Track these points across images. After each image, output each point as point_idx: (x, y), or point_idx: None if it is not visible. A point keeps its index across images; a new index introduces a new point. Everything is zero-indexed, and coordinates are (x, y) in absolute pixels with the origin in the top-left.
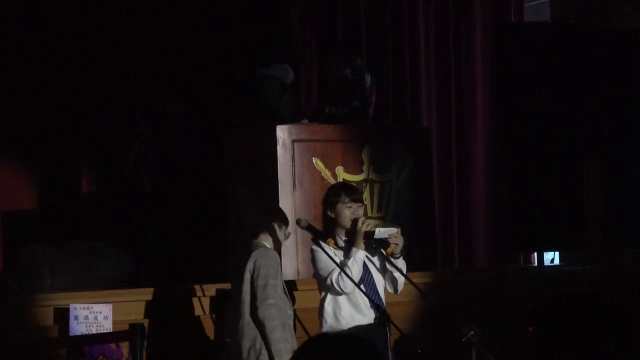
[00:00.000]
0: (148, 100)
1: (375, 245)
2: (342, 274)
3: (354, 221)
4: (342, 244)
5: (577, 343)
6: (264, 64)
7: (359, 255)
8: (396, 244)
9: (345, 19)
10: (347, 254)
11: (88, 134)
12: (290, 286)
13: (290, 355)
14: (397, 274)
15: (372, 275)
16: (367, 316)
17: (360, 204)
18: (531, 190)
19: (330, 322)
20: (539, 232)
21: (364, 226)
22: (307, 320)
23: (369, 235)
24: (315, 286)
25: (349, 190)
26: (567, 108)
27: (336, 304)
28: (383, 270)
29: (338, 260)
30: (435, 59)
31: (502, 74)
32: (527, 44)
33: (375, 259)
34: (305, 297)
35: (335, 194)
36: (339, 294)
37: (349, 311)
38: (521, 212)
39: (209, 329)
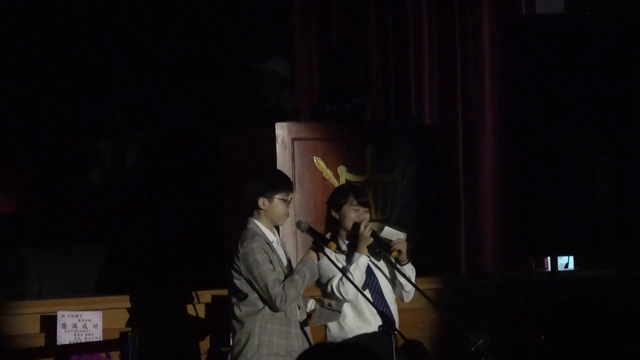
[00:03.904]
0: (129, 94)
1: (379, 250)
2: (343, 279)
3: (355, 224)
4: (344, 247)
5: (590, 351)
6: (261, 59)
7: (362, 260)
8: (399, 251)
9: (345, 14)
10: (349, 258)
11: (77, 133)
12: None
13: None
14: (403, 281)
15: (378, 281)
16: (372, 324)
17: (366, 209)
18: (542, 192)
19: (334, 331)
20: (550, 236)
21: (366, 230)
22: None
23: (375, 234)
24: (319, 292)
25: (358, 192)
26: (579, 105)
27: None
28: (392, 277)
29: (340, 266)
30: (440, 53)
31: (511, 69)
32: (537, 38)
33: (383, 265)
34: None
35: (342, 194)
36: (341, 301)
37: (353, 319)
38: (531, 215)
39: (204, 337)
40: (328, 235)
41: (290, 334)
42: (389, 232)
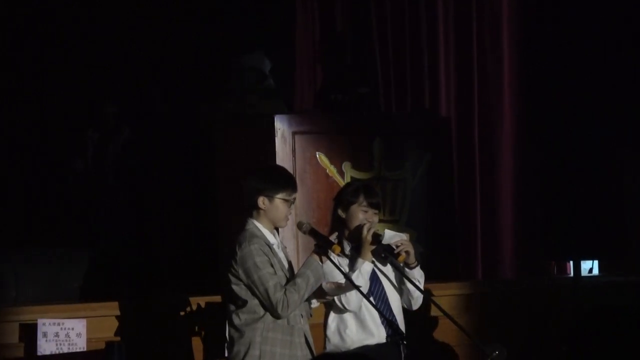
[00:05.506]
0: (116, 85)
1: (384, 255)
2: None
3: (357, 227)
4: (348, 251)
5: None
6: (238, 54)
7: (365, 267)
8: (407, 252)
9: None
10: (352, 264)
11: (55, 128)
12: None
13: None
14: (411, 287)
15: (383, 287)
16: (375, 335)
17: (376, 211)
18: (565, 190)
19: (334, 341)
20: (574, 239)
21: (369, 234)
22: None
23: (376, 239)
24: None
25: (369, 192)
26: (607, 95)
27: (341, 321)
28: (398, 282)
29: (345, 271)
30: (456, 39)
31: (532, 55)
32: (562, 17)
33: (389, 270)
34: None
35: (353, 192)
36: (342, 311)
37: (355, 330)
38: (554, 216)
39: (197, 347)
40: (333, 237)
41: (293, 344)
42: (390, 235)
